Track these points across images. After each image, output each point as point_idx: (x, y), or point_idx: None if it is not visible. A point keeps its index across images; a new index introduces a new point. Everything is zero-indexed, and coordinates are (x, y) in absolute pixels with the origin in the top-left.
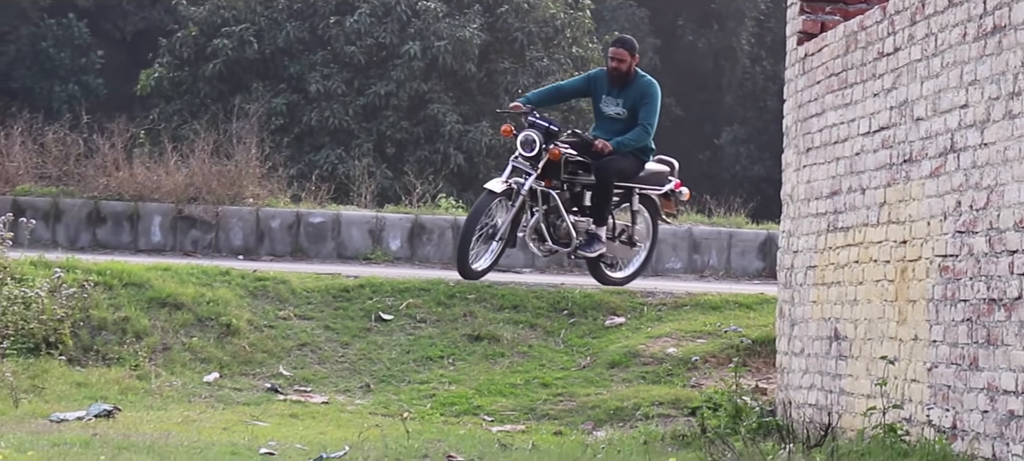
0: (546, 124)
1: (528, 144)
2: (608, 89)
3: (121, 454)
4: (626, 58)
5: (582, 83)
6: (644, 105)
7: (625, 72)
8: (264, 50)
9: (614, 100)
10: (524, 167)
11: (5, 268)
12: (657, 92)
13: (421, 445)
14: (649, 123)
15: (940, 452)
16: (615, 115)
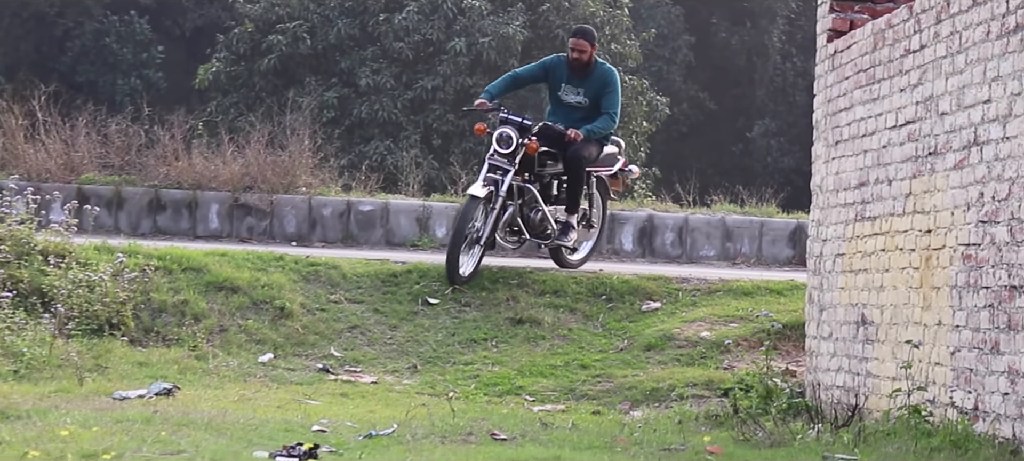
0: (519, 119)
1: (504, 141)
2: (568, 78)
3: (180, 430)
4: (587, 48)
5: (539, 71)
6: (607, 94)
7: (586, 62)
8: (317, 46)
9: (574, 89)
10: (501, 164)
11: (70, 253)
12: (618, 80)
13: (466, 423)
14: (614, 111)
15: (962, 432)
16: (576, 103)
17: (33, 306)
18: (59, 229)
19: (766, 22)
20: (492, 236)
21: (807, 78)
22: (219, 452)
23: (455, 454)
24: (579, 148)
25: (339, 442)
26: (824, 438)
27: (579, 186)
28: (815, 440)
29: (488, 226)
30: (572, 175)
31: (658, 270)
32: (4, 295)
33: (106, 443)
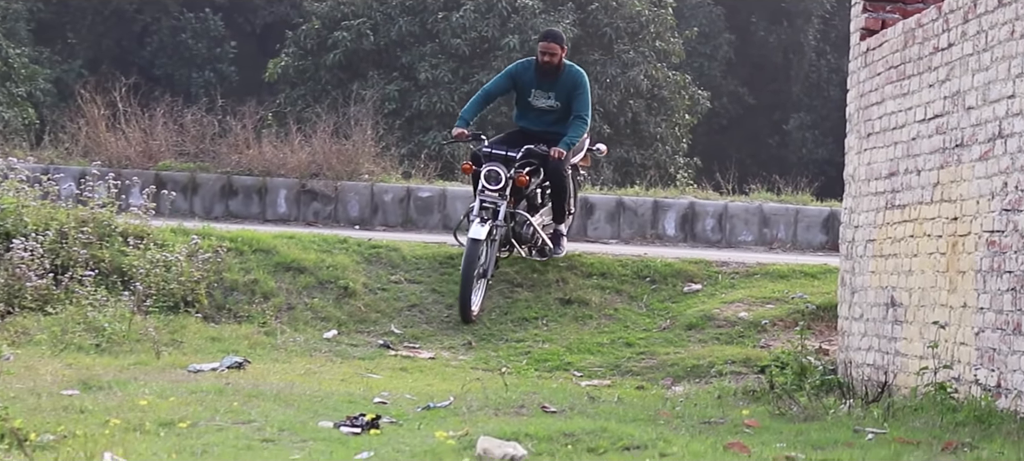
0: (503, 152)
1: (494, 178)
2: (537, 82)
3: (251, 402)
4: (557, 52)
5: (507, 81)
6: (578, 96)
7: (556, 65)
8: (379, 42)
9: (544, 93)
10: (493, 200)
11: (149, 235)
12: (587, 81)
13: (518, 397)
14: (586, 114)
15: (986, 408)
16: (547, 107)
17: (114, 284)
18: (138, 212)
19: (802, 21)
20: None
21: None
22: (287, 422)
23: (508, 425)
24: (559, 164)
25: (399, 413)
26: (855, 413)
27: (564, 196)
28: (846, 415)
29: (492, 260)
30: (557, 187)
31: (699, 254)
32: (87, 274)
33: (182, 412)
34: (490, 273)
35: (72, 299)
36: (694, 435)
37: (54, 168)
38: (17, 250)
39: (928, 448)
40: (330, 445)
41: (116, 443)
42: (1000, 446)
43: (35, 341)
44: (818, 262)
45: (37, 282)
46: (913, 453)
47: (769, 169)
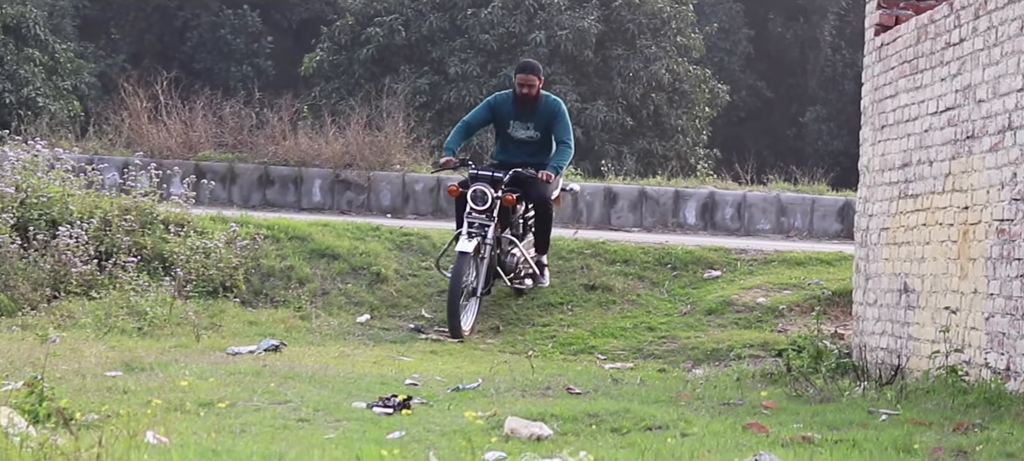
0: (490, 173)
1: (480, 198)
2: (516, 114)
3: (287, 382)
4: (535, 83)
5: (486, 113)
6: (558, 123)
7: (534, 96)
8: (410, 37)
9: (523, 124)
10: (481, 220)
11: (189, 222)
12: (565, 109)
13: (544, 379)
14: (569, 139)
15: (995, 391)
16: (527, 138)
17: (155, 270)
18: (179, 201)
19: (818, 17)
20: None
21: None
22: (322, 402)
23: (535, 406)
24: (544, 188)
25: (430, 394)
26: (869, 395)
27: (549, 224)
28: (861, 397)
29: (481, 277)
30: (543, 215)
31: (719, 242)
32: (130, 260)
33: (221, 393)
34: (480, 291)
35: (115, 284)
36: (714, 416)
37: (98, 158)
38: (63, 237)
39: (940, 429)
40: (363, 425)
41: (158, 422)
42: (1009, 427)
43: (80, 324)
44: (833, 250)
45: (82, 268)
46: (925, 433)
47: (786, 160)
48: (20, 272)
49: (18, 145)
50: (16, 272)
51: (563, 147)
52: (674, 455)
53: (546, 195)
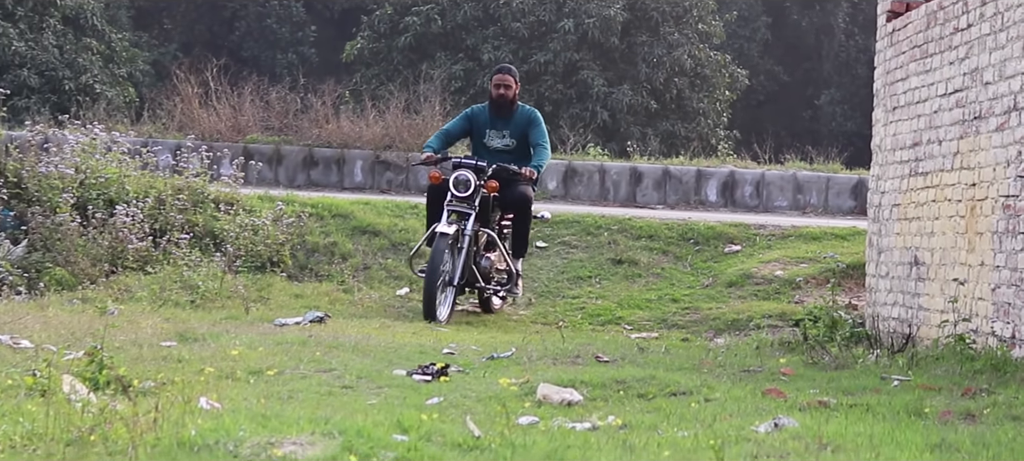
0: (474, 162)
1: (463, 184)
2: (492, 123)
3: (331, 352)
4: (512, 84)
5: (464, 123)
6: (534, 129)
7: (511, 100)
8: (446, 26)
9: (499, 133)
10: (462, 208)
11: (238, 201)
12: (541, 117)
13: (573, 348)
14: (546, 142)
15: (1001, 357)
16: (503, 147)
17: (206, 246)
18: (228, 181)
19: (832, 5)
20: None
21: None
22: (364, 370)
23: (565, 373)
24: (526, 189)
25: (466, 363)
26: (882, 362)
27: (528, 227)
28: (874, 363)
29: (458, 268)
30: (521, 216)
31: (738, 218)
32: (182, 237)
33: (269, 362)
34: (456, 281)
35: (169, 260)
36: (735, 382)
37: (152, 141)
38: (120, 216)
39: (949, 394)
40: (403, 391)
41: (210, 389)
42: (1015, 391)
43: (136, 298)
44: (847, 225)
45: (138, 244)
46: (935, 398)
47: (802, 141)
48: (80, 249)
49: (77, 129)
50: (76, 249)
51: (540, 149)
52: (698, 419)
53: (527, 195)
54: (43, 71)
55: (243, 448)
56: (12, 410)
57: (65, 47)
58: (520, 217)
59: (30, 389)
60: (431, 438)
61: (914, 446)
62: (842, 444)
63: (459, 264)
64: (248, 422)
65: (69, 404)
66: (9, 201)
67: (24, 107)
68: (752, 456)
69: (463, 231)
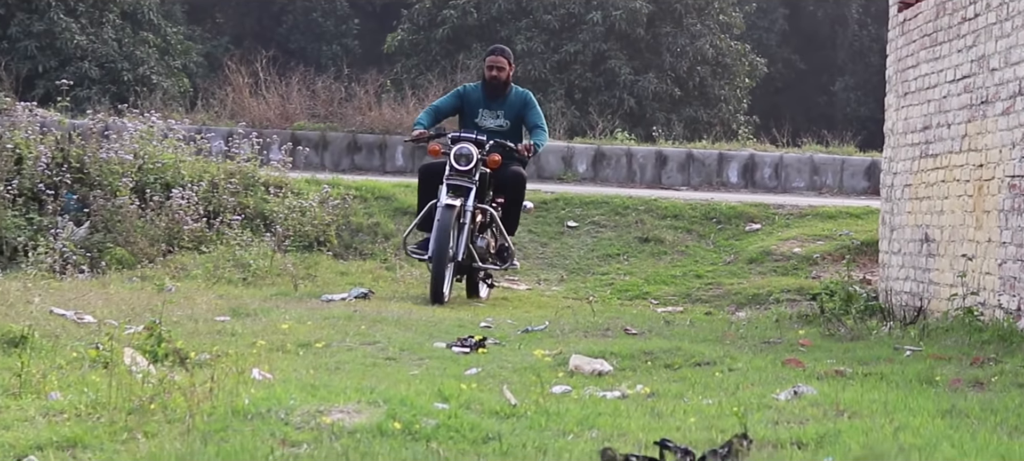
0: (473, 136)
1: (464, 158)
2: (486, 102)
3: (375, 325)
4: (505, 66)
5: (455, 100)
6: (530, 110)
7: (504, 81)
8: (481, 18)
9: (493, 113)
10: (462, 182)
11: (286, 184)
12: (535, 99)
13: (603, 321)
14: (544, 124)
15: (1008, 329)
16: (495, 128)
17: (257, 227)
18: (277, 166)
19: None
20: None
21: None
22: (407, 343)
23: (596, 345)
24: (520, 169)
25: (502, 335)
26: (894, 333)
27: (520, 206)
28: (887, 335)
29: (461, 245)
30: (515, 196)
31: (758, 199)
32: (234, 218)
33: (317, 335)
34: (460, 257)
35: (222, 240)
36: (756, 353)
37: (206, 129)
38: (176, 198)
39: (958, 362)
40: (444, 362)
41: (262, 361)
42: (1021, 361)
43: (192, 275)
44: (861, 205)
45: (193, 225)
46: (945, 367)
47: (818, 125)
48: (139, 229)
49: (136, 117)
50: (135, 230)
51: (540, 131)
52: (721, 387)
53: (521, 175)
54: (103, 63)
55: (293, 416)
56: (77, 381)
57: (123, 41)
58: (514, 198)
59: (94, 361)
60: (470, 406)
61: (926, 412)
62: (858, 410)
63: (462, 241)
64: (298, 391)
65: (130, 375)
66: (73, 185)
67: (86, 97)
68: (773, 422)
69: (465, 207)
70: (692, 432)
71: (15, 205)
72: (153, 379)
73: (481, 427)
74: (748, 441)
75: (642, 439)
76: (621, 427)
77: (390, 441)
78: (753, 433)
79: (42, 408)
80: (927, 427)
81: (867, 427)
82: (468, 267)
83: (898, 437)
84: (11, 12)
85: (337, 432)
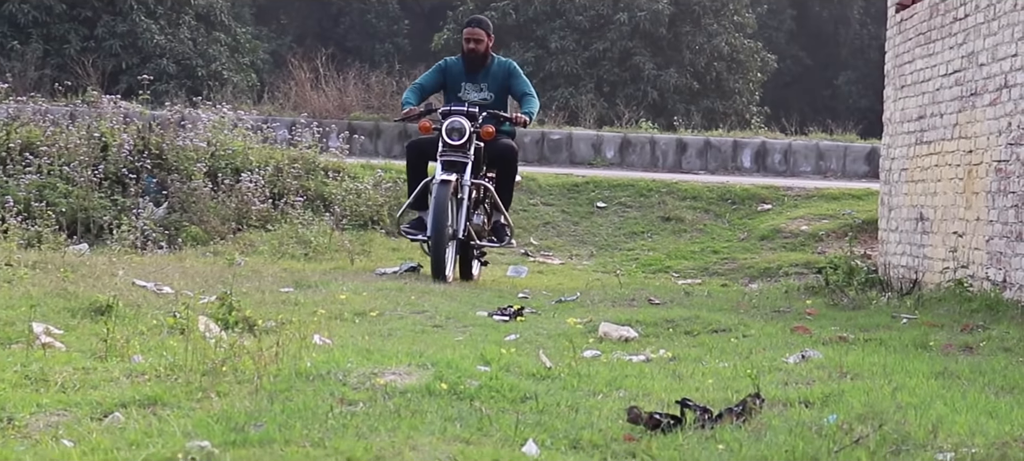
0: (465, 109)
1: (457, 132)
2: (467, 76)
3: (424, 297)
4: (483, 38)
5: (437, 76)
6: (515, 79)
7: (483, 53)
8: (519, 19)
9: (476, 86)
10: (457, 157)
11: (344, 169)
12: (519, 68)
13: (629, 292)
14: (534, 92)
15: (994, 299)
16: (481, 101)
17: (317, 207)
18: (335, 152)
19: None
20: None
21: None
22: (452, 312)
23: (623, 313)
24: (510, 142)
25: (538, 305)
26: (892, 303)
27: (514, 180)
28: (886, 304)
29: (461, 220)
30: (507, 169)
31: (769, 182)
32: (297, 199)
33: (372, 304)
34: (461, 234)
35: (286, 219)
36: (767, 321)
37: (271, 119)
38: (244, 182)
39: (950, 329)
40: (485, 330)
41: (323, 328)
42: (1006, 327)
43: (259, 251)
44: (862, 187)
45: (260, 206)
46: (938, 333)
47: (823, 115)
48: (211, 210)
49: (208, 109)
50: (208, 210)
51: (529, 98)
52: (736, 352)
53: (512, 147)
54: (180, 60)
55: (351, 377)
56: (157, 345)
57: (198, 40)
58: (506, 171)
59: (171, 328)
60: (510, 369)
61: (921, 374)
62: (860, 372)
63: (461, 217)
64: (355, 355)
65: (204, 340)
66: (152, 170)
67: (164, 91)
68: (783, 383)
69: (462, 182)
70: (710, 392)
71: (101, 188)
72: (225, 344)
73: (519, 387)
74: (760, 400)
75: (665, 398)
76: (646, 388)
77: (437, 400)
78: (765, 393)
79: (126, 370)
80: (922, 387)
81: (868, 387)
82: (463, 244)
83: (896, 396)
84: (98, 14)
85: (390, 392)
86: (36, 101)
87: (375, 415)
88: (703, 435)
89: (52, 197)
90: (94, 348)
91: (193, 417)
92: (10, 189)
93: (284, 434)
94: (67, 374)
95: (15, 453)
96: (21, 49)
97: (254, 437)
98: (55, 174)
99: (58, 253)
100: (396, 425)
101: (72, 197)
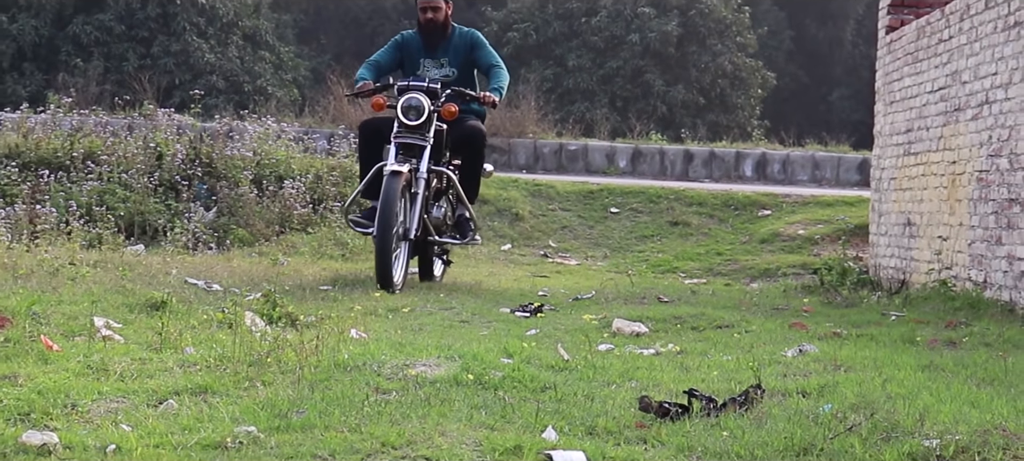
0: (424, 83)
1: (414, 111)
2: (426, 52)
3: (452, 294)
4: (440, 5)
5: (394, 52)
6: (479, 50)
7: (442, 23)
8: (539, 39)
9: (436, 61)
10: (414, 140)
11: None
12: (483, 38)
13: (640, 290)
14: (501, 62)
15: (976, 298)
16: (442, 77)
17: None
18: None
19: (842, 21)
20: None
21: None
22: (477, 308)
23: (634, 310)
24: (477, 123)
25: (556, 302)
26: (882, 301)
27: (480, 167)
28: (876, 303)
29: (415, 218)
30: (473, 155)
31: (769, 189)
32: (335, 204)
33: (403, 301)
34: (413, 234)
35: (325, 223)
36: (767, 318)
37: (312, 131)
38: (287, 188)
39: (935, 325)
40: (508, 325)
41: (359, 323)
42: (986, 324)
43: (300, 252)
44: (855, 194)
45: (301, 211)
46: (924, 329)
47: (819, 128)
48: (256, 214)
49: (254, 121)
50: (254, 214)
51: (497, 70)
52: (739, 346)
53: (479, 130)
54: (228, 77)
55: (385, 368)
56: (207, 338)
57: (245, 58)
58: (472, 157)
59: (220, 322)
60: (530, 361)
61: (908, 366)
62: (853, 365)
63: (415, 214)
64: (388, 348)
65: (250, 334)
66: (203, 177)
67: (214, 105)
68: (782, 375)
69: (416, 173)
70: (715, 383)
71: (156, 193)
72: (269, 337)
73: (539, 378)
74: (761, 390)
75: (673, 389)
76: (655, 379)
77: (464, 389)
78: (765, 384)
79: (179, 360)
80: (910, 379)
81: (860, 379)
82: (422, 242)
83: (886, 387)
84: (153, 35)
85: (420, 382)
86: (97, 114)
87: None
88: (709, 422)
89: (111, 202)
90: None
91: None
92: (74, 194)
93: (324, 420)
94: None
95: (79, 436)
96: (84, 66)
97: (296, 423)
98: (114, 181)
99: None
100: (426, 412)
101: (130, 202)
